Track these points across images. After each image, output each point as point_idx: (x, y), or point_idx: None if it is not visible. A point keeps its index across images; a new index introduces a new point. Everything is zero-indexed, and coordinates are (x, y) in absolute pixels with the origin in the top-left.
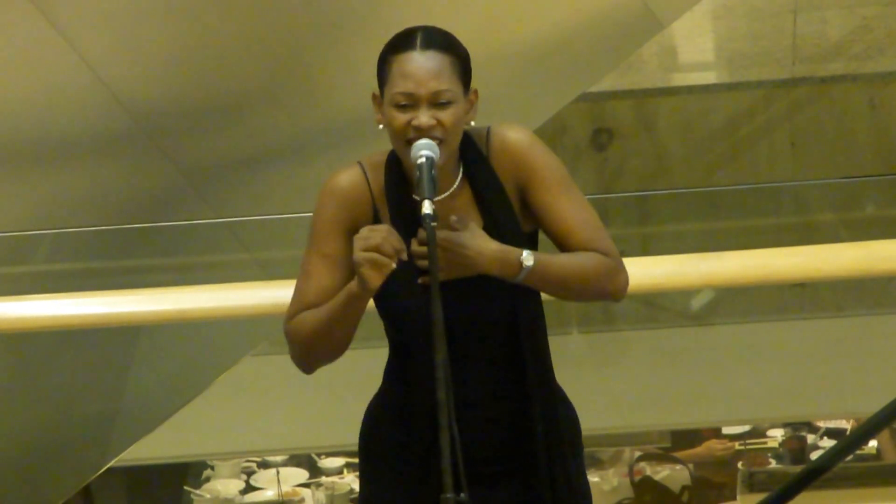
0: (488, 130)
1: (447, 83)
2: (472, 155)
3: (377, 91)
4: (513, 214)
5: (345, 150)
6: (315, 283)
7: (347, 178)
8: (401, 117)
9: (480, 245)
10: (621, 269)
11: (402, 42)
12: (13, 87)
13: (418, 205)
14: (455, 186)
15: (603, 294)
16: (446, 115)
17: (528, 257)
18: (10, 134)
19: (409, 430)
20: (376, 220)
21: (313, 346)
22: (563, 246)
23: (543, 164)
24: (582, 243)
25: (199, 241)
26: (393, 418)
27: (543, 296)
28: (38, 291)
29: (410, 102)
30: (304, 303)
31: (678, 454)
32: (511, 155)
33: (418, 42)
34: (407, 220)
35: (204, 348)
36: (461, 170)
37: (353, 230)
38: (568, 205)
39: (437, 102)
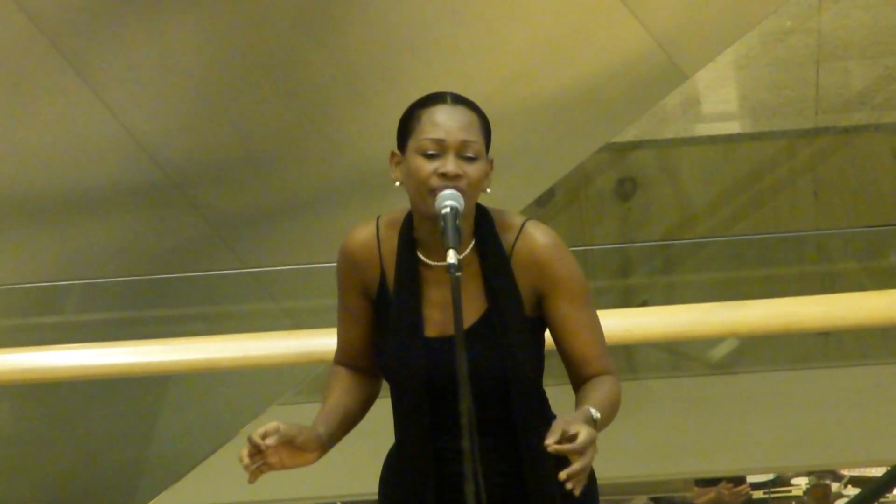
0: (524, 224)
1: (475, 136)
2: (489, 236)
3: (396, 149)
4: (518, 302)
5: (369, 201)
6: (342, 334)
7: (359, 237)
8: (427, 166)
9: (591, 432)
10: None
11: (432, 98)
12: (44, 141)
13: (423, 269)
14: (462, 256)
15: None
16: (472, 169)
17: (595, 412)
18: (42, 186)
19: (413, 480)
20: (383, 279)
21: None
22: (568, 356)
23: (568, 276)
24: (588, 360)
25: (226, 292)
26: (402, 465)
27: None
28: (68, 341)
29: (439, 151)
30: (338, 350)
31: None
32: (537, 257)
33: (449, 98)
34: (408, 283)
35: (231, 397)
36: (473, 243)
37: (364, 289)
38: (584, 321)
39: (464, 155)
